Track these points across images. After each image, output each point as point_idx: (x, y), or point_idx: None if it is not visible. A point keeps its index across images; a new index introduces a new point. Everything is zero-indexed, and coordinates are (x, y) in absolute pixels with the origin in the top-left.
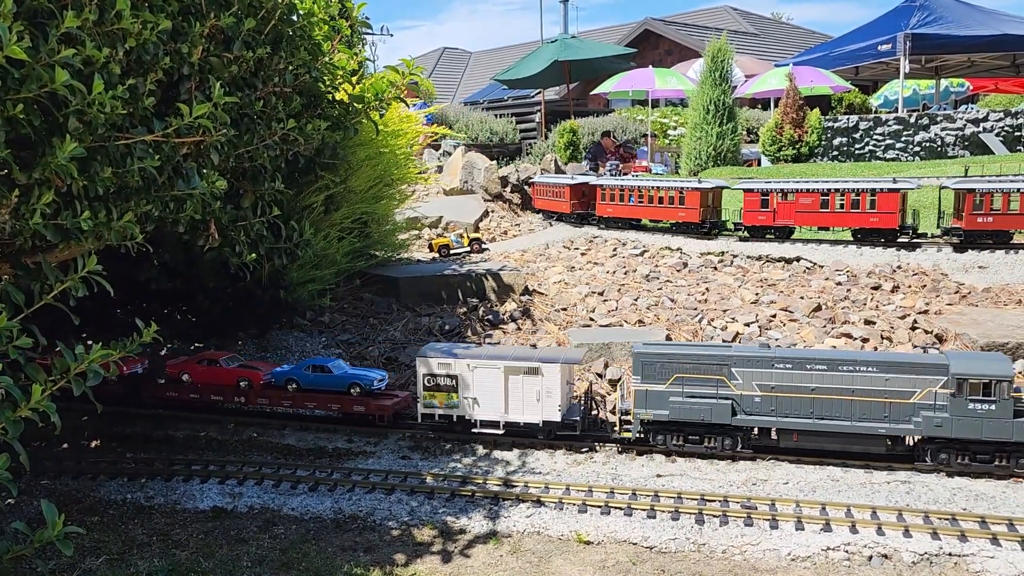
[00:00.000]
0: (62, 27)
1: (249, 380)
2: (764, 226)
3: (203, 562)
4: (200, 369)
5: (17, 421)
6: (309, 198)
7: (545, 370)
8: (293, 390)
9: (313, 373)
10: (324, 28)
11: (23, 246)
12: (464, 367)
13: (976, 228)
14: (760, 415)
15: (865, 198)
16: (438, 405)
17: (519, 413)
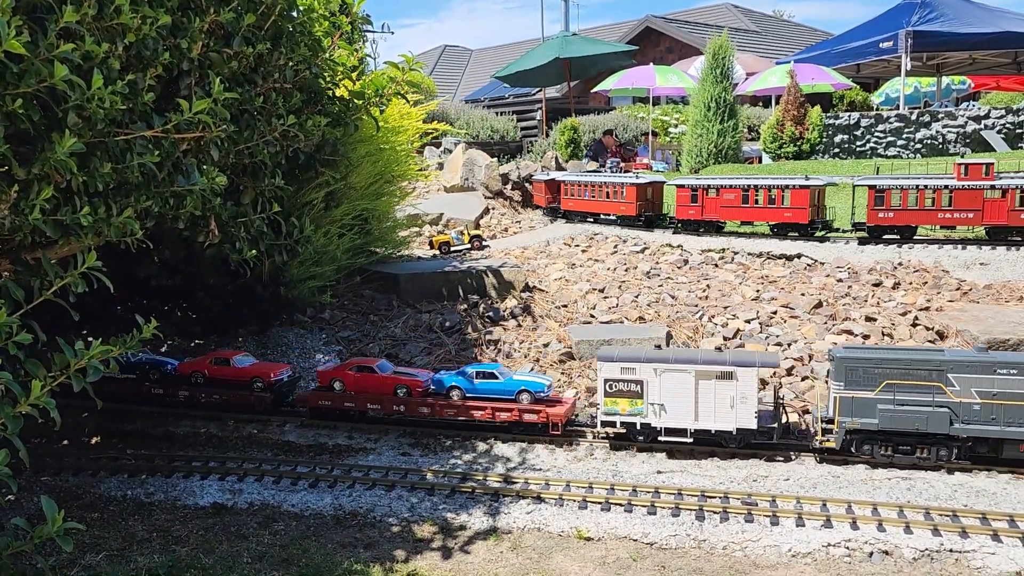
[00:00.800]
0: (61, 22)
1: (408, 388)
2: (694, 220)
3: (203, 558)
4: (354, 376)
5: (17, 417)
6: (309, 194)
7: (740, 374)
8: (458, 397)
9: (478, 379)
10: (324, 24)
11: (22, 242)
12: (650, 372)
13: (878, 223)
14: (981, 424)
15: (780, 194)
16: (620, 412)
17: (710, 420)
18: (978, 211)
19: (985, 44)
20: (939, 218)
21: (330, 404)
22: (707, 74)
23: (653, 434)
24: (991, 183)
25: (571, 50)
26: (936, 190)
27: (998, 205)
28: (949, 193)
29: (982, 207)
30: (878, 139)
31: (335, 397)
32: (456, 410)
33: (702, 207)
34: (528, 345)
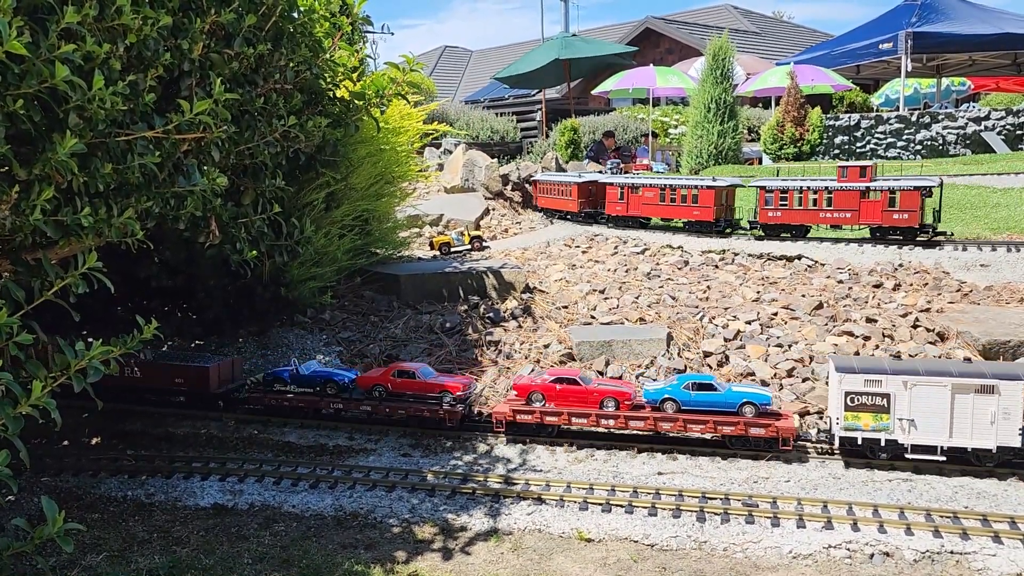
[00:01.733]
0: (62, 22)
1: (616, 400)
2: (622, 216)
3: (204, 559)
4: (556, 389)
5: (17, 417)
6: (310, 195)
7: (1004, 388)
8: (674, 411)
9: (696, 391)
10: (325, 25)
11: (23, 242)
12: (899, 385)
13: (767, 222)
14: None
15: (690, 194)
16: (862, 427)
17: (966, 437)
18: (855, 211)
19: (985, 45)
20: (821, 217)
21: (530, 419)
22: (707, 75)
23: (899, 451)
24: (866, 185)
25: (571, 51)
26: (818, 191)
27: (873, 206)
28: (829, 194)
29: (859, 207)
30: (878, 140)
31: (536, 412)
32: (673, 424)
33: (627, 204)
34: (529, 346)
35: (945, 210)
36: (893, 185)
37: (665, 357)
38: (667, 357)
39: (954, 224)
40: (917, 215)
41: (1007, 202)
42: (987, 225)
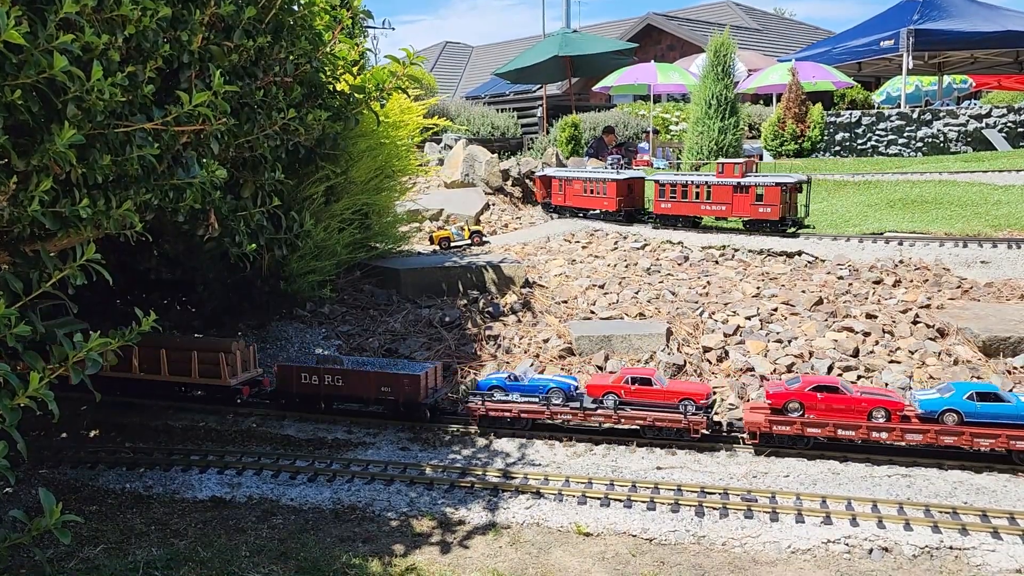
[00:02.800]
0: (61, 13)
1: (887, 410)
2: (558, 205)
3: (201, 551)
4: (817, 398)
5: (15, 409)
6: (309, 189)
7: None
8: (954, 423)
9: (980, 402)
10: (325, 18)
11: (21, 234)
12: None
13: (660, 212)
14: None
15: (601, 186)
16: None
17: None
18: (728, 204)
19: (987, 43)
20: (702, 209)
21: (789, 431)
22: (708, 72)
23: None
24: (738, 180)
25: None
26: (700, 186)
27: (743, 200)
28: (708, 189)
29: (732, 201)
30: (879, 137)
31: (796, 422)
32: (958, 437)
33: (564, 195)
34: (528, 341)
35: (946, 207)
36: (759, 181)
37: (665, 352)
38: (666, 352)
39: (955, 221)
40: (779, 209)
41: (1008, 199)
42: (988, 222)
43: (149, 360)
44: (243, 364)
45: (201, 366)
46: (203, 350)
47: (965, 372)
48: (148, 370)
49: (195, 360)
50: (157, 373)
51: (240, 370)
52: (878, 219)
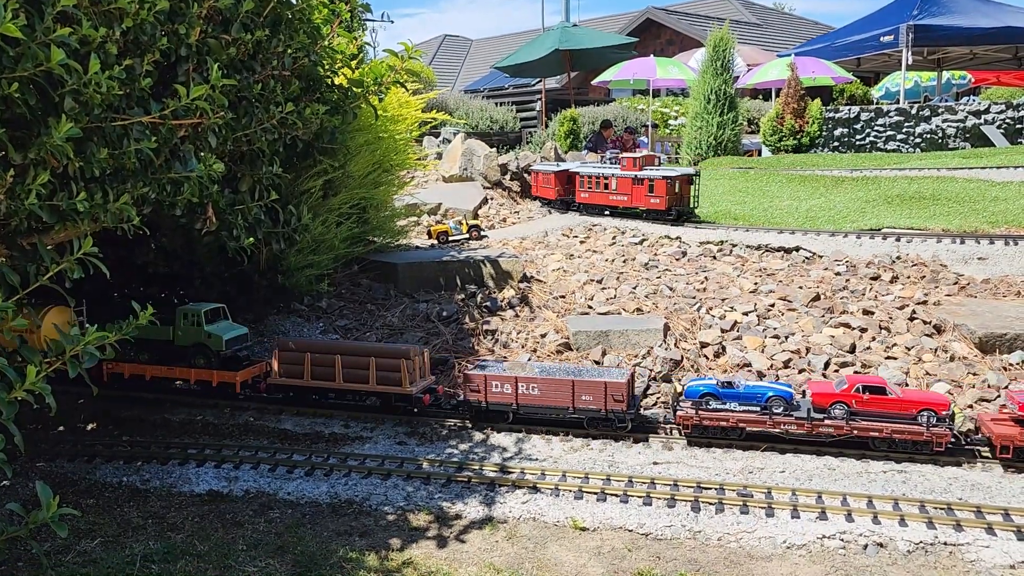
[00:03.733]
0: (58, 5)
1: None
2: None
3: (198, 545)
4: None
5: (12, 402)
6: (307, 183)
7: None
8: None
9: None
10: (323, 11)
11: (18, 227)
12: None
13: (581, 201)
14: None
15: (542, 176)
16: None
17: None
18: (629, 195)
19: (986, 39)
20: (610, 200)
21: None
22: (707, 66)
23: None
24: (635, 174)
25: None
26: (608, 178)
27: (639, 191)
28: (614, 180)
29: (631, 192)
30: (878, 133)
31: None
32: None
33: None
34: (525, 335)
35: (944, 203)
36: (651, 175)
37: (662, 348)
38: (664, 348)
39: (953, 218)
40: (665, 200)
41: (1006, 195)
42: (985, 218)
43: (323, 366)
44: (420, 371)
45: (379, 373)
46: (382, 356)
47: (961, 368)
48: (321, 376)
49: (373, 367)
50: (331, 380)
51: (418, 377)
52: (876, 215)
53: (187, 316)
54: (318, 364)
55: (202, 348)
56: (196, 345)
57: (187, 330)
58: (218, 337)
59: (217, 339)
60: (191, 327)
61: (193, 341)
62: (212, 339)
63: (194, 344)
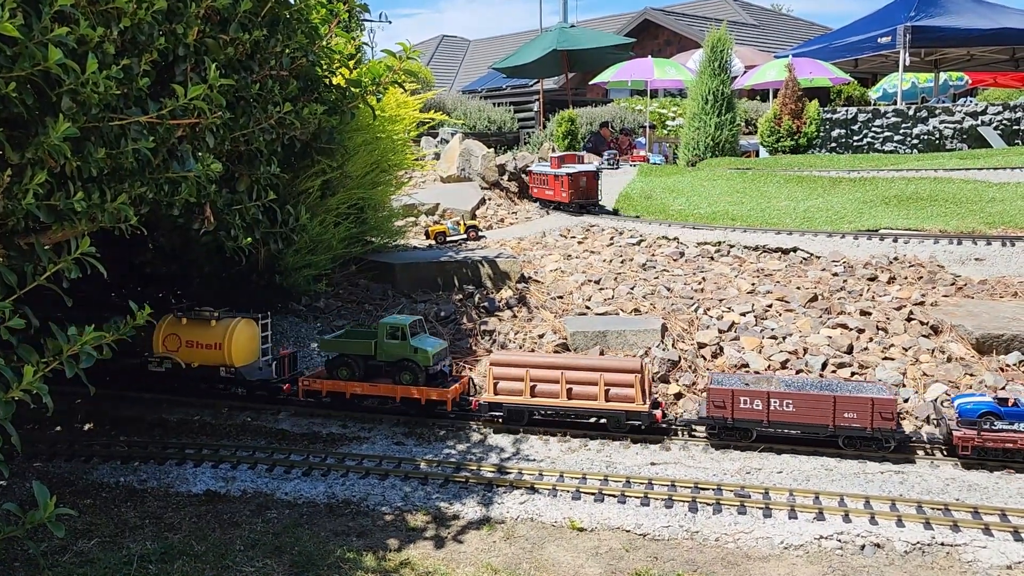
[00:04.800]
0: (56, 5)
1: None
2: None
3: (196, 545)
4: None
5: (9, 402)
6: (305, 183)
7: None
8: None
9: None
10: (322, 11)
11: (16, 227)
12: None
13: (534, 196)
14: None
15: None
16: None
17: None
18: (553, 190)
19: (983, 40)
20: (546, 194)
21: None
22: (705, 67)
23: None
24: (555, 171)
25: (569, 42)
26: (545, 175)
27: (557, 186)
28: (549, 178)
29: (554, 188)
30: (875, 134)
31: None
32: None
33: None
34: (523, 336)
35: (941, 204)
36: (560, 172)
37: (660, 348)
38: (661, 348)
39: (950, 219)
40: (569, 194)
41: (1003, 197)
42: (982, 219)
43: (545, 382)
44: (649, 385)
45: (609, 389)
46: (612, 371)
47: (958, 369)
48: (543, 393)
49: (602, 383)
50: (554, 397)
51: (649, 391)
52: (873, 216)
53: (390, 329)
54: (539, 380)
55: (408, 364)
56: (402, 361)
57: (390, 344)
58: (425, 352)
59: (424, 354)
60: (395, 341)
61: (398, 357)
62: (419, 354)
63: (399, 360)
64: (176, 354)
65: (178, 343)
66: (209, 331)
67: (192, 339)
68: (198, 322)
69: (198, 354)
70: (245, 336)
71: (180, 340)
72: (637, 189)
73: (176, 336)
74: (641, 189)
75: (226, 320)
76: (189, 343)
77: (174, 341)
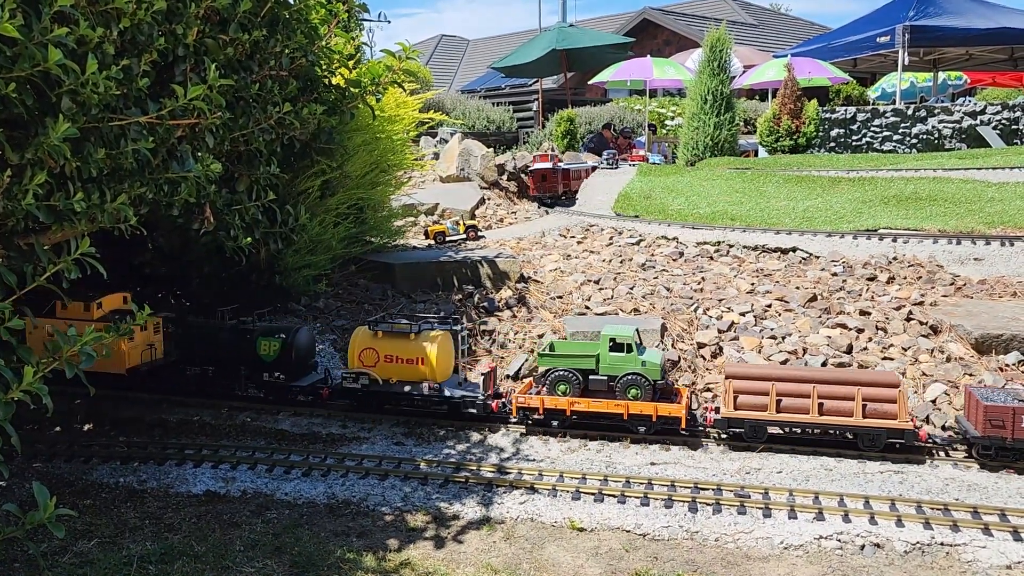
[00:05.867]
0: (55, 5)
1: None
2: None
3: (196, 546)
4: None
5: (8, 403)
6: (305, 183)
7: None
8: None
9: None
10: (321, 11)
11: (15, 227)
12: None
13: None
14: None
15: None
16: None
17: None
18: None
19: (982, 40)
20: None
21: None
22: (704, 67)
23: None
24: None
25: (568, 41)
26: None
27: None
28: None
29: (532, 183)
30: (874, 134)
31: None
32: None
33: None
34: (523, 336)
35: (940, 203)
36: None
37: (659, 348)
38: (661, 348)
39: (949, 218)
40: (536, 188)
41: (1001, 196)
42: (981, 219)
43: (794, 396)
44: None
45: (867, 404)
46: (869, 385)
47: (958, 369)
48: (790, 408)
49: (859, 397)
50: (804, 413)
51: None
52: (872, 216)
53: (615, 341)
54: (787, 395)
55: (635, 378)
56: (630, 375)
57: (615, 358)
58: (655, 366)
59: (653, 367)
60: (620, 354)
61: (625, 371)
62: (647, 367)
63: (627, 374)
64: (373, 369)
65: (375, 358)
66: (409, 345)
67: (391, 353)
68: (396, 335)
69: (397, 369)
70: (446, 349)
71: (378, 354)
72: (636, 189)
73: (373, 350)
74: (640, 189)
75: (425, 332)
76: (388, 357)
77: (371, 356)
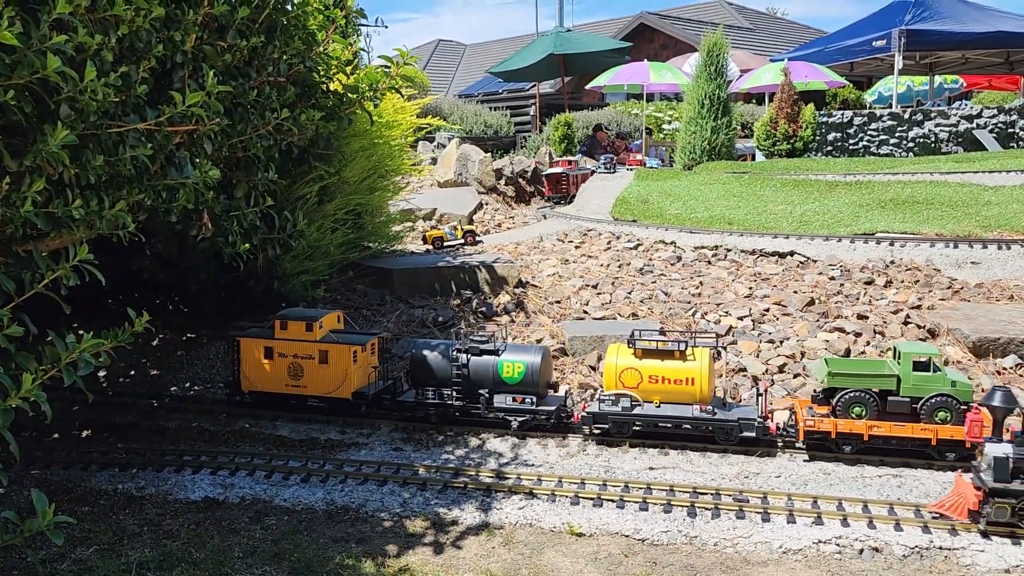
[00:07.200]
0: (54, 13)
1: None
2: None
3: (194, 552)
4: None
5: (7, 410)
6: (303, 189)
7: None
8: None
9: None
10: (319, 17)
11: (14, 234)
12: None
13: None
14: None
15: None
16: None
17: None
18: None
19: (978, 43)
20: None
21: None
22: (701, 71)
23: None
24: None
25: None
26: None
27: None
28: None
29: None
30: (871, 137)
31: None
32: None
33: None
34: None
35: (937, 207)
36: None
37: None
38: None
39: (946, 222)
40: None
41: (998, 200)
42: (978, 223)
43: None
44: None
45: None
46: None
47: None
48: None
49: None
50: None
51: None
52: (869, 219)
53: (918, 359)
54: None
55: (944, 400)
56: (938, 397)
57: (919, 377)
58: (966, 385)
59: (965, 388)
60: (926, 373)
61: (930, 392)
62: (958, 387)
63: (935, 396)
64: (635, 391)
65: (638, 378)
66: (679, 365)
67: (657, 374)
68: (662, 353)
69: (663, 390)
70: (711, 367)
71: (641, 375)
72: (634, 193)
73: (636, 371)
74: (638, 193)
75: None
76: (652, 378)
77: (633, 376)
